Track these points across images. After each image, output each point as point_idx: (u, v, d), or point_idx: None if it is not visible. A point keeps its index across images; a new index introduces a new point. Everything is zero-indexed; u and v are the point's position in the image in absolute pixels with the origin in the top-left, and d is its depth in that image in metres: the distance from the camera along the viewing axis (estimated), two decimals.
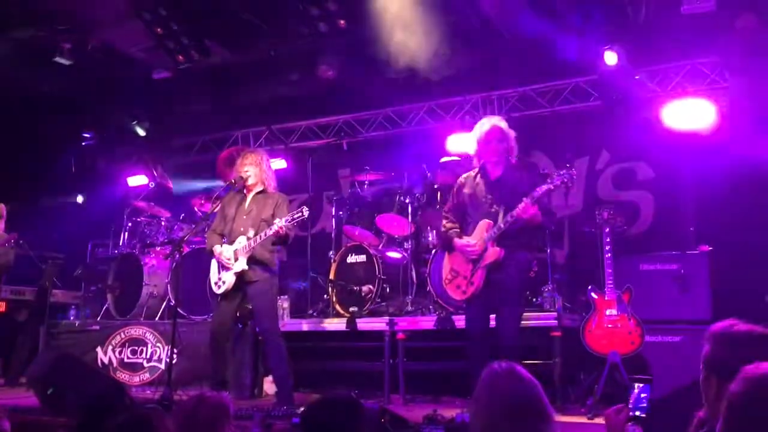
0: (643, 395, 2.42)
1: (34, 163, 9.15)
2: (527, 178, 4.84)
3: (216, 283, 5.58)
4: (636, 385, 2.46)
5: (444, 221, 5.14)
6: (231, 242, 5.53)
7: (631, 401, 2.44)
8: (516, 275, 4.74)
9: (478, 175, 4.98)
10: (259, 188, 5.67)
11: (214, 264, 5.65)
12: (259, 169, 5.66)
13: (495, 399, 2.00)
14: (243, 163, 5.68)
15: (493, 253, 4.70)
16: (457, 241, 4.90)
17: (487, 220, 4.76)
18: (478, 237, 4.78)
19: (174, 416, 2.60)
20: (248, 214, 5.59)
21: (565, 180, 4.66)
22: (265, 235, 5.32)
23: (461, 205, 5.02)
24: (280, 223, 5.24)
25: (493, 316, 4.88)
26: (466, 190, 5.00)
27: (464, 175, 5.12)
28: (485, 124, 4.97)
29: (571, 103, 7.80)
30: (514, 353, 4.46)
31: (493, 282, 4.75)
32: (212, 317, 5.88)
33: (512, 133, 4.96)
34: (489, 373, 2.08)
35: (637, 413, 2.40)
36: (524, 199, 4.57)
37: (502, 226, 4.66)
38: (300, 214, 5.29)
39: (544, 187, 4.62)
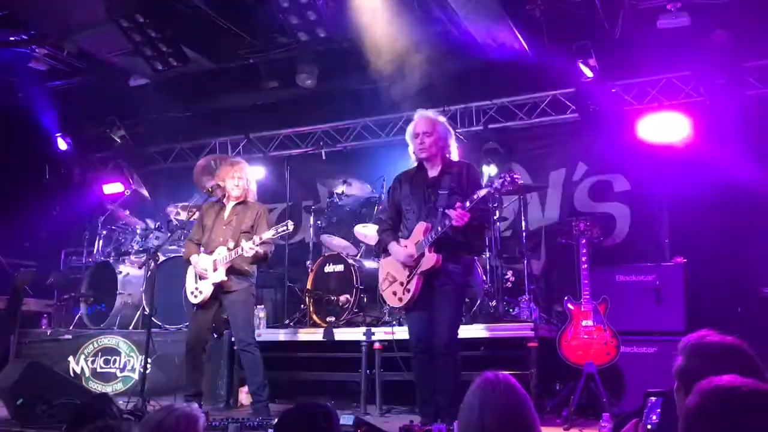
0: (656, 409, 2.41)
1: (7, 169, 9.01)
2: (466, 180, 4.55)
3: (192, 293, 5.53)
4: (650, 399, 2.44)
5: (380, 223, 4.96)
6: (209, 252, 5.48)
7: (644, 414, 2.43)
8: (455, 280, 4.48)
9: (416, 173, 4.74)
10: (240, 199, 5.63)
11: (190, 273, 5.60)
12: (245, 180, 5.63)
13: (486, 411, 1.97)
14: (232, 174, 5.61)
15: (430, 259, 4.39)
16: (392, 245, 4.64)
17: (424, 223, 4.46)
18: (414, 241, 4.51)
19: (141, 428, 2.55)
20: (227, 224, 5.54)
21: (506, 183, 4.34)
22: (246, 250, 5.27)
23: (398, 205, 4.76)
24: (255, 243, 5.21)
25: None
26: (403, 189, 4.74)
27: (402, 173, 4.86)
28: (415, 117, 4.76)
29: (549, 116, 7.88)
30: (447, 358, 4.33)
31: (433, 288, 4.49)
32: (188, 327, 5.81)
33: (448, 129, 4.73)
34: (482, 383, 2.05)
35: (649, 427, 2.39)
36: (458, 204, 4.25)
37: (439, 229, 4.36)
38: (284, 228, 5.23)
39: (482, 192, 4.29)
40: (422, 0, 6.47)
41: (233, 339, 6.15)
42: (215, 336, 6.50)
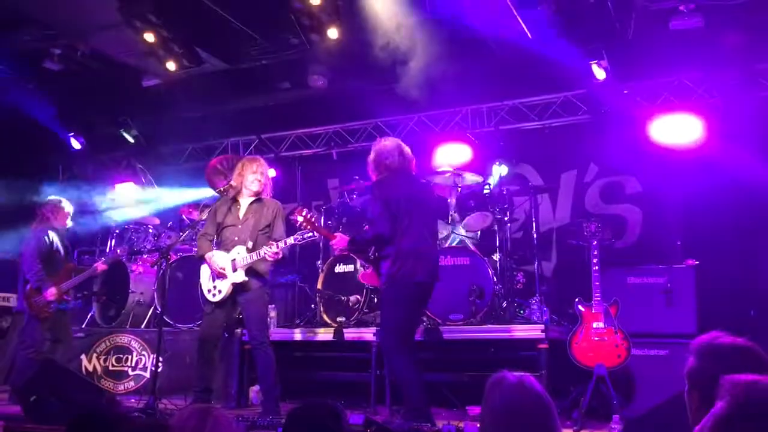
0: None
1: (21, 168, 9.08)
2: None
3: (210, 291, 5.52)
4: None
5: None
6: (226, 250, 5.49)
7: None
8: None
9: None
10: (258, 195, 5.65)
11: (205, 271, 5.59)
12: (266, 176, 5.69)
13: (512, 415, 1.97)
14: (255, 169, 5.63)
15: None
16: None
17: None
18: None
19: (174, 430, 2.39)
20: (244, 223, 5.54)
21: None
22: (269, 254, 5.31)
23: None
24: (280, 246, 5.31)
25: None
26: None
27: None
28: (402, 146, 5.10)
29: (560, 117, 7.86)
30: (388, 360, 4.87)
31: None
32: (202, 323, 5.79)
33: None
34: (506, 385, 2.05)
35: None
36: None
37: None
38: (310, 234, 5.29)
39: None
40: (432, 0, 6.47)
41: (245, 338, 6.17)
42: (226, 335, 6.52)
